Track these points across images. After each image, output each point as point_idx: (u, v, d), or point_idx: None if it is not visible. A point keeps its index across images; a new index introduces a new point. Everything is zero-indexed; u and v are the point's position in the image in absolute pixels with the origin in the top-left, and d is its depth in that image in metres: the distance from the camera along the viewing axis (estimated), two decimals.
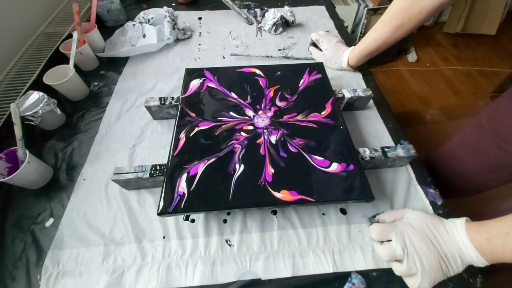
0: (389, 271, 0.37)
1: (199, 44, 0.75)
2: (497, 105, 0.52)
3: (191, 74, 0.56)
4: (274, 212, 0.43)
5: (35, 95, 0.52)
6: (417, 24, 0.50)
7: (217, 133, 0.45)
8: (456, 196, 0.66)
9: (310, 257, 0.39)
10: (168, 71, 0.67)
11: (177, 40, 0.75)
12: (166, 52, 0.72)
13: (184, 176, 0.39)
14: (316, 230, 0.41)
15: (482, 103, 1.49)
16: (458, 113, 1.44)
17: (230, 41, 0.76)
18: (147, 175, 0.42)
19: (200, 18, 0.85)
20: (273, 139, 0.44)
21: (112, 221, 0.42)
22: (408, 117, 1.45)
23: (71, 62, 0.57)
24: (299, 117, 0.48)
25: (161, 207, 0.37)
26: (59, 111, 0.54)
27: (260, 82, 0.54)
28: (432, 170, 0.62)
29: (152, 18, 0.77)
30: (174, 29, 0.74)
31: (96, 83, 0.65)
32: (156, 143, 0.52)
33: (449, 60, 1.77)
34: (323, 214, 0.43)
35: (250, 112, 0.49)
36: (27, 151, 0.43)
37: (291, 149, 0.43)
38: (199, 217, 0.42)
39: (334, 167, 0.40)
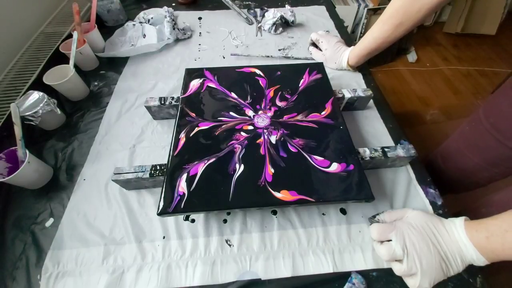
0: (389, 271, 0.37)
1: (199, 44, 0.75)
2: (493, 100, 0.53)
3: (191, 74, 0.56)
4: (274, 212, 0.43)
5: (35, 95, 0.52)
6: (416, 22, 0.50)
7: (217, 133, 0.45)
8: (460, 192, 0.67)
9: (310, 257, 0.39)
10: (168, 71, 0.67)
11: (177, 40, 0.75)
12: (166, 52, 0.72)
13: (184, 176, 0.39)
14: (316, 230, 0.41)
15: (482, 103, 1.49)
16: (458, 113, 1.44)
17: (230, 41, 0.76)
18: (147, 175, 0.42)
19: (200, 18, 0.85)
20: (273, 139, 0.44)
21: (112, 221, 0.42)
22: (408, 117, 1.45)
23: (71, 62, 0.57)
24: (299, 117, 0.48)
25: (161, 207, 0.37)
26: (59, 111, 0.54)
27: (260, 82, 0.54)
28: (433, 168, 0.63)
29: (152, 18, 0.77)
30: (174, 29, 0.74)
31: (96, 83, 0.65)
32: (156, 143, 0.52)
33: (449, 60, 1.77)
34: (323, 214, 0.43)
35: (250, 112, 0.49)
36: (27, 151, 0.43)
37: (291, 149, 0.43)
38: (199, 217, 0.42)
39: (334, 167, 0.40)
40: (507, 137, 0.50)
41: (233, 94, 0.52)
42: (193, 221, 0.42)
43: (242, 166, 0.41)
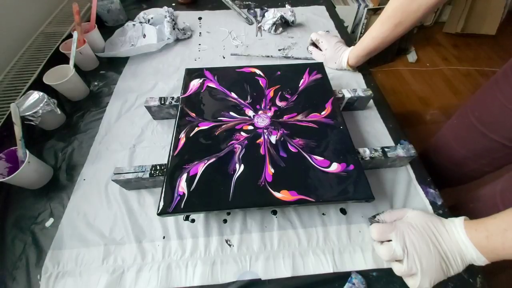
0: (389, 271, 0.37)
1: (199, 44, 0.75)
2: (479, 95, 0.55)
3: (191, 74, 0.56)
4: (274, 212, 0.43)
5: (35, 95, 0.52)
6: (415, 21, 0.50)
7: (217, 133, 0.45)
8: (453, 185, 0.68)
9: (310, 257, 0.39)
10: (168, 71, 0.67)
11: (177, 40, 0.75)
12: (166, 52, 0.72)
13: (184, 176, 0.39)
14: (316, 230, 0.41)
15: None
16: None
17: (230, 41, 0.76)
18: (147, 175, 0.42)
19: (200, 18, 0.85)
20: (273, 139, 0.44)
21: (112, 221, 0.42)
22: (408, 117, 1.45)
23: (71, 62, 0.57)
24: (299, 117, 0.48)
25: (161, 207, 0.37)
26: (59, 111, 0.54)
27: (260, 82, 0.54)
28: (426, 162, 0.64)
29: (152, 18, 0.77)
30: (174, 29, 0.74)
31: (96, 83, 0.65)
32: (156, 143, 0.52)
33: (449, 60, 1.76)
34: (323, 214, 0.43)
35: (250, 112, 0.49)
36: (27, 151, 0.43)
37: (291, 149, 0.43)
38: (199, 217, 0.42)
39: (334, 167, 0.40)
40: (490, 129, 0.52)
41: (233, 94, 0.52)
42: (193, 221, 0.42)
43: (242, 166, 0.41)
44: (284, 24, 0.79)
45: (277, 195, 0.38)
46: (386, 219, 0.39)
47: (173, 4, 0.90)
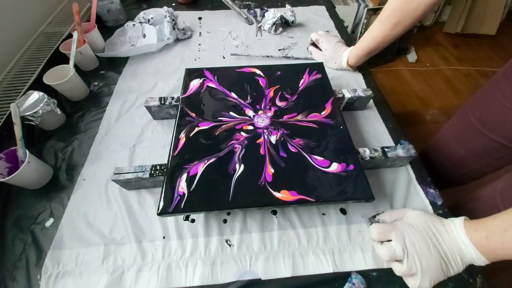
0: (389, 271, 0.37)
1: (199, 44, 0.75)
2: (479, 95, 0.55)
3: (191, 74, 0.56)
4: (274, 212, 0.43)
5: (35, 95, 0.52)
6: (414, 21, 0.50)
7: (217, 133, 0.45)
8: (453, 185, 0.69)
9: (310, 257, 0.39)
10: (168, 71, 0.67)
11: (177, 40, 0.75)
12: (166, 52, 0.72)
13: (184, 176, 0.39)
14: (316, 230, 0.41)
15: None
16: None
17: (230, 41, 0.76)
18: (147, 175, 0.42)
19: (200, 18, 0.85)
20: (273, 139, 0.44)
21: (112, 221, 0.42)
22: (408, 117, 1.45)
23: (71, 62, 0.57)
24: (299, 117, 0.48)
25: (161, 207, 0.37)
26: (59, 111, 0.54)
27: (260, 82, 0.54)
28: (426, 162, 0.65)
29: (152, 18, 0.77)
30: (174, 29, 0.74)
31: (96, 83, 0.65)
32: (156, 143, 0.52)
33: (449, 60, 1.76)
34: (323, 214, 0.43)
35: (250, 112, 0.49)
36: (27, 151, 0.43)
37: (291, 149, 0.43)
38: (199, 217, 0.42)
39: (334, 167, 0.40)
40: (490, 129, 0.52)
41: (233, 94, 0.52)
42: (193, 221, 0.42)
43: (242, 166, 0.41)
44: (284, 24, 0.79)
45: (277, 195, 0.38)
46: (386, 219, 0.39)
47: (173, 4, 0.90)
